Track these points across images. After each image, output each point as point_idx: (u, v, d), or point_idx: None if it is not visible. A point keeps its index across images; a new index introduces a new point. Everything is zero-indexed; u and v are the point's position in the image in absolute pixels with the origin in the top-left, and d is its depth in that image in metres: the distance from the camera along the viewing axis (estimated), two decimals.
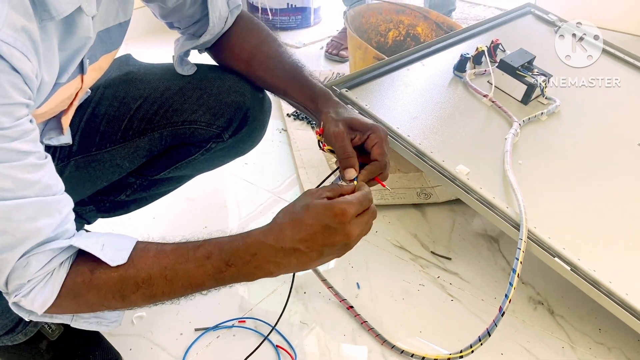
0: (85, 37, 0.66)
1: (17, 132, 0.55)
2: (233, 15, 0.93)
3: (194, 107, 0.93)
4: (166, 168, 1.01)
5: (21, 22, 0.53)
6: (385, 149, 0.79)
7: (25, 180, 0.57)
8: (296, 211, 0.66)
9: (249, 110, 0.95)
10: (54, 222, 0.61)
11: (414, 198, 1.44)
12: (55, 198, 0.61)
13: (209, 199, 1.43)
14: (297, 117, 1.78)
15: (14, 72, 0.53)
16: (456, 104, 1.34)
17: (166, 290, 0.67)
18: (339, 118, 0.80)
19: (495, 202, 1.09)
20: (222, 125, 0.94)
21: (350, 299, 1.14)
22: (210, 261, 0.67)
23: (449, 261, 1.27)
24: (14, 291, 0.63)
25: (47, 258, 0.62)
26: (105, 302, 0.68)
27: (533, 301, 1.18)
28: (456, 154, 1.19)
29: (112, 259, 0.65)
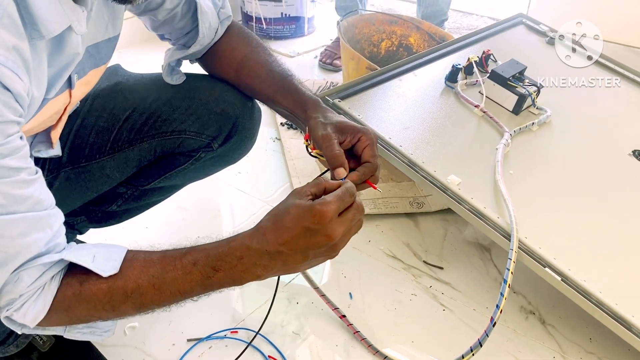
0: (73, 53, 0.66)
1: (8, 149, 0.55)
2: (223, 26, 0.93)
3: (182, 117, 0.93)
4: (156, 178, 1.00)
5: (13, 41, 0.53)
6: (375, 151, 0.78)
7: (17, 196, 0.57)
8: (278, 213, 0.65)
9: (238, 119, 0.95)
10: (46, 237, 0.61)
11: (406, 207, 1.44)
12: (47, 213, 0.61)
13: (202, 208, 1.43)
14: (290, 126, 1.78)
15: (5, 91, 0.53)
16: (448, 114, 1.34)
17: (155, 298, 0.67)
18: (327, 122, 0.80)
19: (486, 212, 1.09)
20: (212, 134, 0.94)
21: (343, 308, 1.14)
22: (197, 268, 0.66)
23: (441, 270, 1.27)
24: (6, 306, 0.62)
25: (38, 272, 0.62)
26: (95, 314, 0.67)
27: (524, 311, 1.18)
28: (448, 164, 1.19)
29: (104, 270, 0.64)
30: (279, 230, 0.64)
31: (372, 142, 0.78)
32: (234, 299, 1.17)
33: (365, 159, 0.78)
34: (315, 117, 0.82)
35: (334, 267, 1.27)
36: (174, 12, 0.88)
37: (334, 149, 0.76)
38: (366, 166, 0.77)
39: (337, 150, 0.76)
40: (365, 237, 1.36)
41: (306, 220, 0.63)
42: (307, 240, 0.63)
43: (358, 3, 2.25)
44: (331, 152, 0.76)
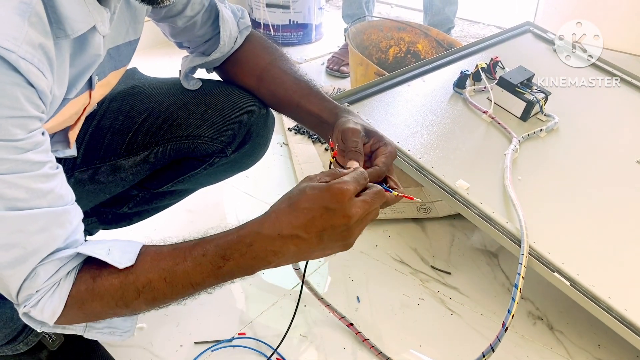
0: (95, 54, 0.67)
1: (30, 144, 0.56)
2: (242, 35, 0.94)
3: (198, 122, 0.93)
4: (169, 182, 1.01)
5: (39, 39, 0.54)
6: (390, 163, 0.78)
7: (38, 190, 0.57)
8: (293, 196, 0.63)
9: (253, 126, 0.96)
10: (65, 233, 0.61)
11: (413, 212, 1.44)
12: (67, 208, 0.61)
13: (210, 211, 1.43)
14: (298, 131, 1.79)
15: (30, 87, 0.54)
16: (456, 120, 1.35)
17: (167, 292, 0.66)
18: (358, 122, 0.81)
19: (495, 217, 1.09)
20: (226, 140, 0.95)
21: (350, 312, 1.14)
22: (207, 258, 0.65)
23: (448, 275, 1.27)
24: (23, 302, 0.63)
25: (54, 268, 0.62)
26: (110, 310, 0.67)
27: (532, 316, 1.18)
28: (456, 169, 1.19)
29: (120, 262, 0.64)
30: (294, 212, 0.62)
31: (390, 154, 0.78)
32: (242, 302, 1.18)
33: (376, 163, 0.77)
34: (347, 118, 0.83)
35: (342, 270, 1.27)
36: (194, 19, 0.88)
37: (357, 144, 0.76)
38: (375, 169, 0.76)
39: (360, 148, 0.76)
40: (373, 241, 1.36)
41: (325, 199, 0.61)
42: (324, 222, 0.61)
43: (365, 10, 2.27)
44: (354, 146, 0.76)
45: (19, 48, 0.52)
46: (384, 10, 3.17)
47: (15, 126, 0.54)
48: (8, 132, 0.53)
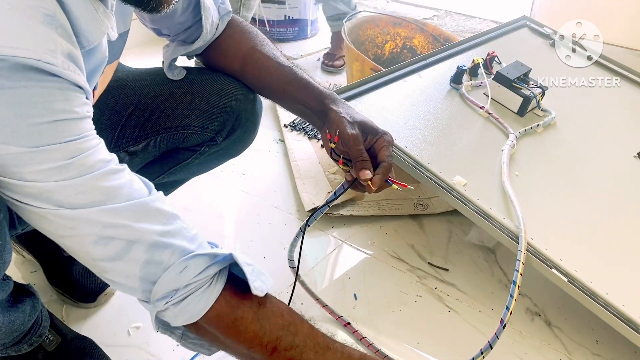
0: (103, 57, 0.68)
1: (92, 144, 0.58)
2: (224, 21, 0.93)
3: (186, 112, 0.93)
4: (161, 173, 1.00)
5: (69, 49, 0.55)
6: (391, 152, 0.82)
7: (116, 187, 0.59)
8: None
9: (241, 112, 0.95)
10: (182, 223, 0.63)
11: (411, 209, 1.44)
12: (152, 198, 0.62)
13: (206, 208, 1.43)
14: (294, 127, 1.78)
15: (80, 89, 0.56)
16: (453, 116, 1.34)
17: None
18: (353, 120, 0.81)
19: (493, 213, 1.09)
20: (216, 128, 0.94)
21: (348, 309, 1.14)
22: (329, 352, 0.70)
23: (446, 272, 1.27)
24: (164, 297, 0.62)
25: (205, 263, 0.62)
26: (224, 346, 0.69)
27: (530, 312, 1.18)
28: (453, 165, 1.19)
29: (257, 287, 0.65)
30: None
31: (389, 144, 0.81)
32: None
33: (381, 159, 0.80)
34: (337, 110, 0.83)
35: (338, 268, 1.27)
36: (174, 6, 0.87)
37: (363, 152, 0.79)
38: (383, 166, 0.79)
39: (366, 155, 0.79)
40: (369, 238, 1.36)
41: None
42: None
43: (346, 9, 2.24)
44: (361, 155, 0.79)
45: (57, 59, 0.53)
46: (380, 5, 3.16)
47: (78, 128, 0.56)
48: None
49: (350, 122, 0.81)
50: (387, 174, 0.79)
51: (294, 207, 1.45)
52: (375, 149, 0.81)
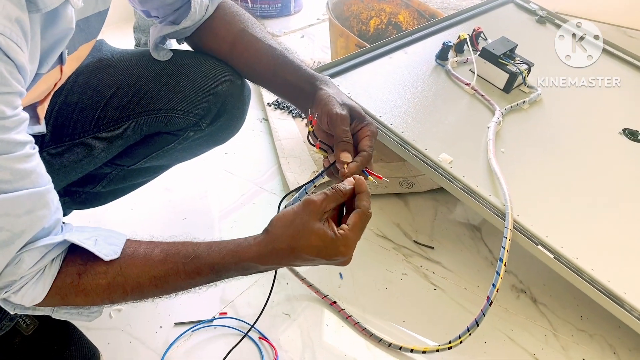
0: (67, 28, 0.64)
1: (14, 122, 0.55)
2: (214, 3, 0.90)
3: (170, 95, 0.90)
4: (143, 158, 0.98)
5: (16, 12, 0.53)
6: (373, 144, 0.79)
7: (22, 171, 0.56)
8: (296, 236, 0.66)
9: (228, 98, 0.93)
10: (49, 213, 0.61)
11: (396, 187, 1.43)
12: (48, 188, 0.61)
13: (189, 189, 1.41)
14: (277, 106, 1.75)
15: (11, 62, 0.53)
16: (439, 92, 1.33)
17: (157, 293, 0.70)
18: (342, 102, 0.80)
19: (479, 191, 1.08)
20: (200, 113, 0.92)
21: (333, 289, 1.13)
22: (200, 276, 0.69)
23: (431, 250, 1.27)
24: (4, 287, 0.62)
25: (40, 254, 0.61)
26: (92, 305, 0.70)
27: (516, 289, 1.18)
28: (439, 142, 1.18)
29: (106, 254, 0.65)
30: (295, 255, 0.66)
31: (373, 135, 0.80)
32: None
33: (362, 147, 0.78)
34: (329, 92, 0.82)
35: None
36: None
37: (348, 134, 0.77)
38: (363, 155, 0.77)
39: (350, 137, 0.78)
40: None
41: (328, 254, 0.66)
42: (322, 263, 0.67)
43: None
44: (346, 137, 0.77)
45: None
46: None
47: (2, 103, 0.53)
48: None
49: (339, 103, 0.79)
50: (365, 164, 0.77)
51: (279, 187, 1.43)
52: (358, 136, 0.79)
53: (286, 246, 0.66)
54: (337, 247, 0.65)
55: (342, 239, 0.65)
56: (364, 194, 0.69)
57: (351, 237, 0.65)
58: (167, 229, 1.26)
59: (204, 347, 1.02)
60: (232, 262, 0.68)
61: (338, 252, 0.65)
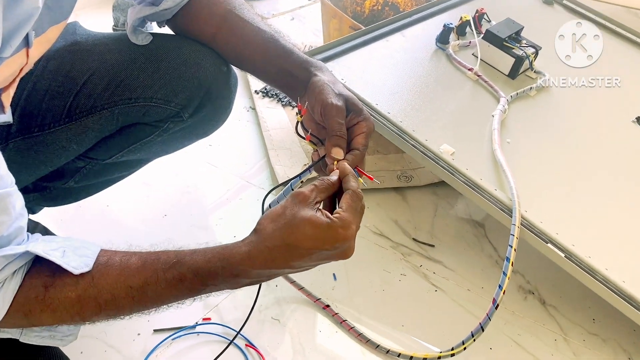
0: (33, 7, 0.62)
1: None
2: None
3: (149, 82, 0.88)
4: (119, 151, 0.96)
5: None
6: (368, 142, 0.78)
7: None
8: (289, 230, 0.63)
9: (212, 86, 0.91)
10: (8, 220, 0.58)
11: (394, 181, 1.42)
12: (8, 191, 0.58)
13: (169, 184, 1.39)
14: (265, 93, 1.73)
15: None
16: (439, 79, 1.32)
17: (134, 308, 0.67)
18: (339, 92, 0.78)
19: (483, 184, 1.07)
20: (181, 103, 0.90)
21: (327, 291, 1.12)
22: (183, 284, 0.66)
23: (432, 248, 1.26)
24: None
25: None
26: (61, 323, 0.67)
27: (523, 290, 1.18)
28: (440, 132, 1.17)
29: (75, 267, 0.63)
30: (290, 251, 0.63)
31: (369, 132, 0.78)
32: None
33: (356, 145, 0.77)
34: (322, 78, 0.80)
35: None
36: None
37: (342, 128, 0.75)
38: (356, 154, 0.76)
39: (344, 132, 0.76)
40: None
41: (327, 242, 0.63)
42: (322, 257, 0.65)
43: None
44: (340, 130, 0.75)
45: None
46: None
47: None
48: None
49: (335, 93, 0.78)
50: (357, 163, 0.76)
51: (267, 181, 1.42)
52: (353, 131, 0.78)
53: (280, 242, 0.64)
54: (335, 231, 0.62)
55: (338, 222, 0.63)
56: (349, 176, 0.69)
57: (348, 217, 0.63)
58: (146, 228, 1.24)
59: (186, 355, 1.00)
60: (220, 266, 0.65)
61: (337, 236, 0.62)
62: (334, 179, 0.69)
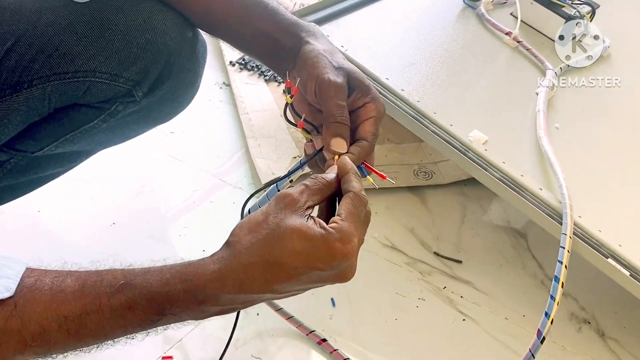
0: None
1: None
2: None
3: (90, 51, 0.88)
4: (53, 140, 0.96)
5: None
6: (378, 130, 0.77)
7: None
8: (272, 244, 0.62)
9: (173, 55, 0.91)
10: None
11: (409, 179, 1.42)
12: None
13: (119, 183, 1.39)
14: (244, 65, 1.73)
15: None
16: (468, 46, 1.34)
17: (70, 344, 0.66)
18: (338, 65, 0.78)
19: (525, 183, 1.08)
20: (133, 78, 0.90)
21: (323, 321, 1.13)
22: (134, 313, 0.64)
23: (458, 265, 1.27)
24: None
25: None
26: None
27: (576, 319, 1.18)
28: (469, 115, 1.18)
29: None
30: (273, 271, 0.62)
31: (378, 116, 0.78)
32: None
33: (363, 134, 0.76)
34: (316, 46, 0.80)
35: None
36: None
37: (343, 112, 0.75)
38: (363, 146, 0.75)
39: (347, 115, 0.75)
40: None
41: (320, 260, 0.61)
42: (314, 280, 0.63)
43: None
44: (340, 115, 0.75)
45: None
46: None
47: None
48: None
49: (334, 66, 0.77)
50: (364, 158, 0.76)
51: (246, 180, 1.43)
52: (358, 116, 0.78)
53: (259, 259, 0.62)
54: (331, 246, 0.61)
55: (336, 233, 0.61)
56: (349, 174, 0.68)
57: (348, 228, 0.62)
58: (87, 240, 1.24)
59: None
60: (181, 290, 0.64)
61: (334, 252, 0.61)
62: (331, 177, 0.68)
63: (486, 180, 1.10)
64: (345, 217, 0.63)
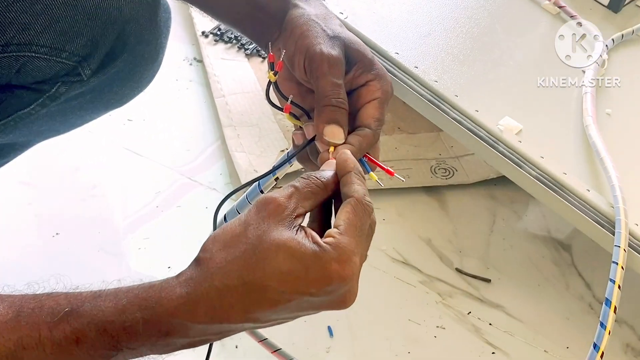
0: None
1: None
2: None
3: (26, 19, 0.89)
4: None
5: None
6: (384, 112, 0.77)
7: None
8: (252, 263, 0.61)
9: (129, 24, 0.92)
10: None
11: (425, 177, 1.43)
12: None
13: (64, 183, 1.40)
14: (219, 37, 1.74)
15: None
16: (496, 12, 1.34)
17: None
18: (333, 34, 0.78)
19: (568, 183, 1.08)
20: (79, 51, 0.91)
21: (318, 355, 1.14)
22: (81, 347, 0.63)
23: (486, 285, 1.28)
24: None
25: None
26: None
27: (632, 351, 1.19)
28: (498, 99, 1.18)
29: None
30: (253, 296, 0.61)
31: (384, 97, 0.77)
32: None
33: (365, 120, 0.76)
34: (306, 10, 0.81)
35: None
36: None
37: (339, 92, 0.75)
38: (365, 134, 0.75)
39: (344, 96, 0.75)
40: None
41: (312, 284, 0.60)
42: (304, 307, 0.63)
43: None
44: (335, 95, 0.74)
45: None
46: None
47: None
48: None
49: (327, 35, 0.78)
50: (366, 150, 0.76)
51: (221, 178, 1.44)
52: (359, 97, 0.78)
53: (236, 282, 0.61)
54: (326, 265, 0.60)
55: (332, 251, 0.61)
56: (351, 174, 0.68)
57: (347, 245, 0.61)
58: (23, 255, 1.25)
59: None
60: (140, 319, 0.63)
61: (330, 274, 0.60)
62: (328, 176, 0.68)
63: (520, 179, 1.10)
64: (345, 230, 0.63)
